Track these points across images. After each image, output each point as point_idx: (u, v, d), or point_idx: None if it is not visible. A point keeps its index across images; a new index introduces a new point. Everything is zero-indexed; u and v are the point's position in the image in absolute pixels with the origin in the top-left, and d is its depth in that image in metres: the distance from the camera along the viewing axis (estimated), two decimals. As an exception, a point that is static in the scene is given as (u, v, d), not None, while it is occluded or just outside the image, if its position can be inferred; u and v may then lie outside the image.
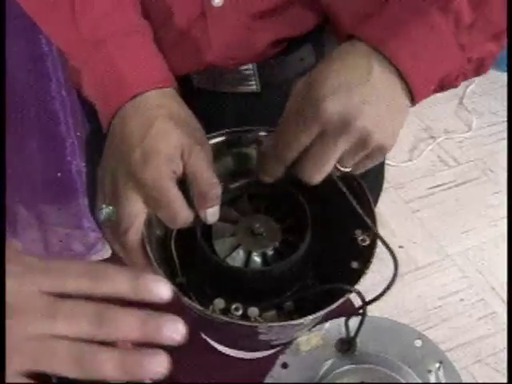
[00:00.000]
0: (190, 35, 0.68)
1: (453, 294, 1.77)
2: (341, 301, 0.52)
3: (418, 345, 0.60)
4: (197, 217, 0.55)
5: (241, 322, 0.54)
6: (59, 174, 1.65)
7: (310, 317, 0.51)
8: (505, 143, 2.22)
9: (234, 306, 0.56)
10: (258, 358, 0.65)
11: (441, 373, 0.59)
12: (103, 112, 0.59)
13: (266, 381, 0.57)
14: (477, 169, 2.15)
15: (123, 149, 0.55)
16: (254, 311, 0.56)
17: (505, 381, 1.47)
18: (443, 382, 0.58)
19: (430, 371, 0.59)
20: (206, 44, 0.68)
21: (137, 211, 0.54)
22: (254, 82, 0.72)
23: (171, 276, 0.57)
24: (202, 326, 0.61)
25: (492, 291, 1.79)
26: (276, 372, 0.58)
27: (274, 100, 0.66)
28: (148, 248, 0.55)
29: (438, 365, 0.59)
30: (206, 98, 0.73)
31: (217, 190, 0.54)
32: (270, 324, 0.54)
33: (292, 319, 0.56)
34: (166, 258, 0.59)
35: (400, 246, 1.86)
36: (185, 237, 0.60)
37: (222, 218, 0.58)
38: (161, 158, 0.53)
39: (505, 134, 2.25)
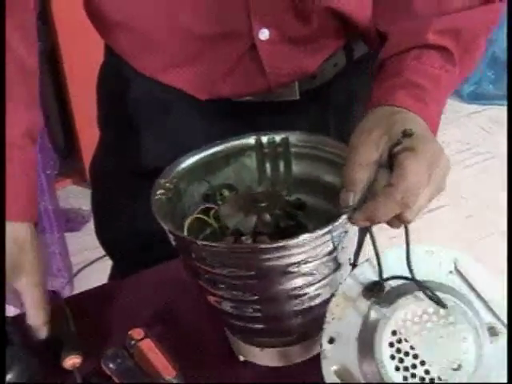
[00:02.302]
0: (241, 66, 0.75)
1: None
2: (340, 220, 0.54)
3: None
4: None
5: (245, 245, 0.60)
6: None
7: (310, 235, 0.54)
8: (472, 170, 2.24)
9: (244, 237, 0.62)
10: (289, 367, 0.66)
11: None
12: None
13: (322, 362, 0.54)
14: (447, 196, 2.14)
15: None
16: (262, 239, 0.61)
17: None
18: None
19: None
20: (259, 72, 0.75)
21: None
22: (294, 92, 0.78)
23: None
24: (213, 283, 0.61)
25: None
26: (327, 350, 0.54)
27: (311, 106, 0.80)
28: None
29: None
30: (237, 106, 0.79)
31: None
32: (268, 245, 0.56)
33: None
34: None
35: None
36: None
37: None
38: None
39: (472, 161, 2.29)
